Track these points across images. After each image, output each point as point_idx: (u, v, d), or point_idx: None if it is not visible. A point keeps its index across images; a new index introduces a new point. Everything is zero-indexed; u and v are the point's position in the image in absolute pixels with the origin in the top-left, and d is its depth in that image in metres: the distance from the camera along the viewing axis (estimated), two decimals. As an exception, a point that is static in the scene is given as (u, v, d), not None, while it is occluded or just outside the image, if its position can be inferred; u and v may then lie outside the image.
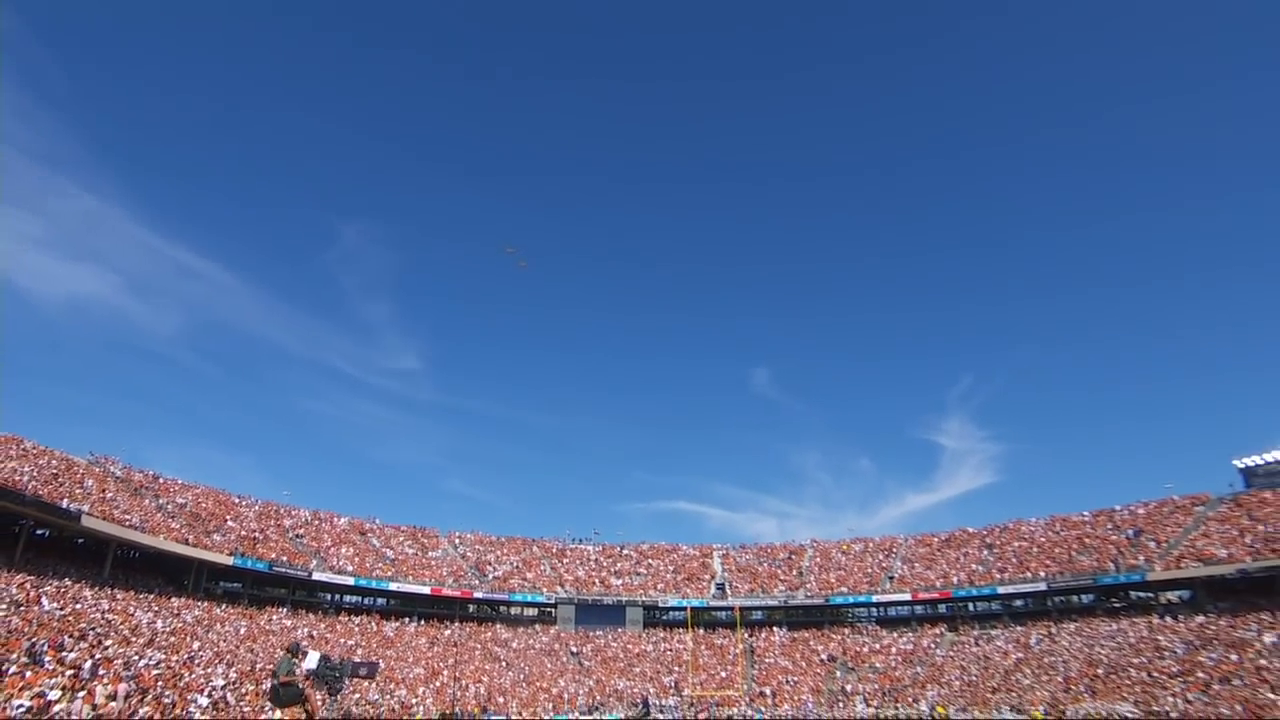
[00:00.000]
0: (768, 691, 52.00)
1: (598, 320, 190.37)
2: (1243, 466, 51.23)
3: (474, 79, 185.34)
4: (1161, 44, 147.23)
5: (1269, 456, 49.71)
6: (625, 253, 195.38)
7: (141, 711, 19.11)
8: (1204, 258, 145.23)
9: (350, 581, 54.86)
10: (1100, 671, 44.34)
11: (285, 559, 51.78)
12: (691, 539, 69.85)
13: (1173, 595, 49.18)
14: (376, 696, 40.97)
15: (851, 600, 59.28)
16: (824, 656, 55.79)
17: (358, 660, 33.50)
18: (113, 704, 19.02)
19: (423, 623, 56.79)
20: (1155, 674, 41.62)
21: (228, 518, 52.73)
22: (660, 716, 47.74)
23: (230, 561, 47.60)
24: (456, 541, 65.16)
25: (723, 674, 54.19)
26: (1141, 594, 50.06)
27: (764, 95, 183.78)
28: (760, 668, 55.47)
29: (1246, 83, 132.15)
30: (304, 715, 13.98)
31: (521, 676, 52.41)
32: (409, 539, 63.50)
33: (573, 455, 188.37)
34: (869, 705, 48.77)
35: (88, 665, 22.27)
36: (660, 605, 59.82)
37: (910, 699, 48.82)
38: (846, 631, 58.76)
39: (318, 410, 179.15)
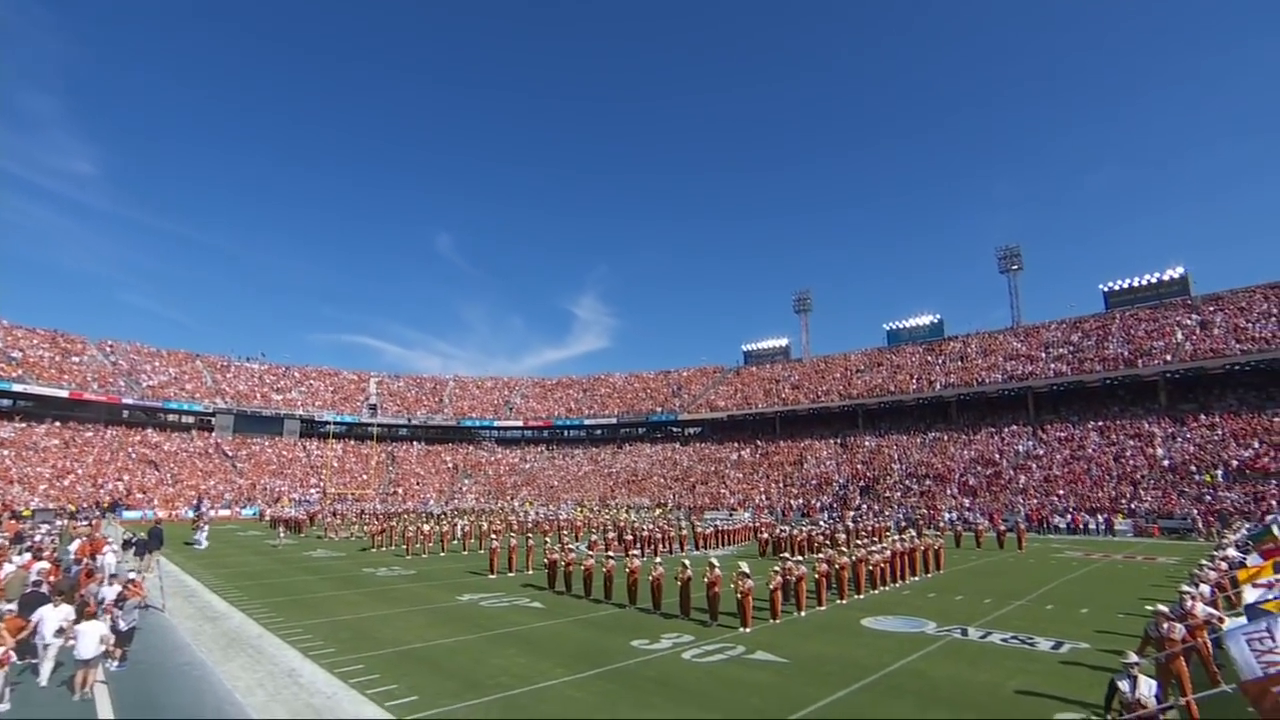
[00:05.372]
0: (400, 491, 58.42)
1: (298, 168, 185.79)
2: (745, 350, 65.38)
3: None
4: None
5: (761, 345, 63.93)
6: (333, 115, 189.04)
7: None
8: (738, 210, 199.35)
9: (-45, 381, 48.19)
10: (636, 478, 56.90)
11: None
12: (363, 367, 71.02)
13: (692, 430, 62.91)
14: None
15: (479, 424, 66.77)
16: (450, 465, 63.30)
17: None
18: None
19: (58, 425, 52.67)
20: (667, 479, 54.77)
21: None
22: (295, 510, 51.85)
23: None
24: (108, 349, 59.25)
25: (364, 477, 59.12)
26: (675, 429, 63.40)
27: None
28: (398, 472, 61.39)
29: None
30: None
31: (168, 477, 52.22)
32: (46, 342, 56.36)
33: (262, 285, 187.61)
34: (476, 500, 57.71)
35: None
36: (317, 419, 61.56)
37: (508, 496, 58.67)
38: (472, 447, 66.65)
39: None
